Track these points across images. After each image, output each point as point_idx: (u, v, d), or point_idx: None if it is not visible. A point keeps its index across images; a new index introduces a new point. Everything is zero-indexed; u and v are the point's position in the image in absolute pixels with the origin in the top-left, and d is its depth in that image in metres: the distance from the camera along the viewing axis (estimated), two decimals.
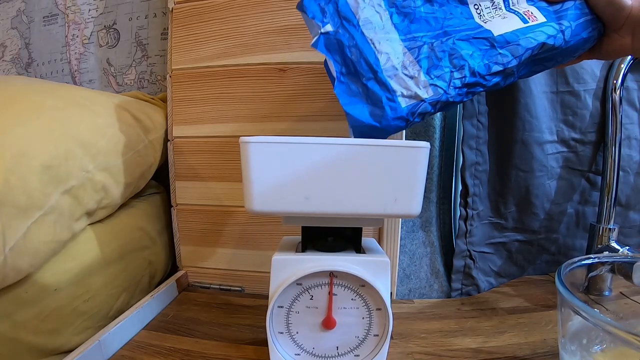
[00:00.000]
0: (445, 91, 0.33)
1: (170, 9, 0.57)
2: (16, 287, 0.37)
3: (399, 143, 0.32)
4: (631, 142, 0.58)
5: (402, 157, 0.31)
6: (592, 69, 0.56)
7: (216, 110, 0.56)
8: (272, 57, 0.54)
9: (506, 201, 0.57)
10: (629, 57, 0.54)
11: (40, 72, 0.79)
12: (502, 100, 0.54)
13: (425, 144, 0.31)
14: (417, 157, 0.31)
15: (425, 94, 0.33)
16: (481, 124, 0.54)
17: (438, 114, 0.55)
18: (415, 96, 0.33)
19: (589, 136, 0.57)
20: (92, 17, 0.74)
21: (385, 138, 0.36)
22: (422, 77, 0.33)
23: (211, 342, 0.43)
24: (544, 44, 0.33)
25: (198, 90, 0.57)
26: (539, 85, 0.55)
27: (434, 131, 0.55)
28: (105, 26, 0.74)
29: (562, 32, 0.34)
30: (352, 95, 0.34)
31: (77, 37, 0.75)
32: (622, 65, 0.54)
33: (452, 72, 0.33)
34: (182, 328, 0.45)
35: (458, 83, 0.33)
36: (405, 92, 0.33)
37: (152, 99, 0.63)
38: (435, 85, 0.33)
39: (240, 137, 0.31)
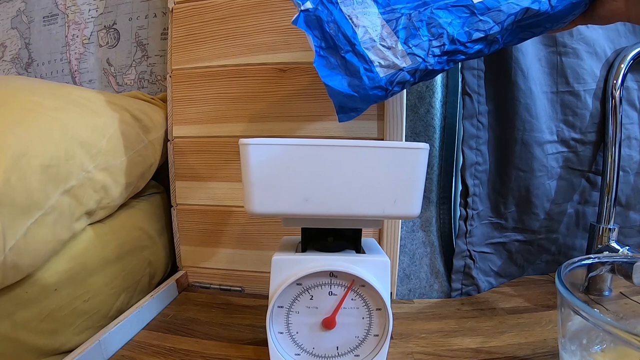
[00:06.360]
0: (423, 59, 0.33)
1: (170, 9, 0.57)
2: (16, 287, 0.37)
3: (398, 144, 0.32)
4: (631, 142, 0.58)
5: (401, 158, 0.31)
6: (592, 69, 0.56)
7: (216, 110, 0.56)
8: (272, 57, 0.54)
9: (506, 201, 0.57)
10: (629, 56, 0.54)
11: (40, 72, 0.79)
12: (502, 100, 0.54)
13: (425, 145, 0.31)
14: (417, 158, 0.31)
15: (403, 63, 0.33)
16: (481, 124, 0.54)
17: (438, 114, 0.55)
18: (393, 65, 0.33)
19: (589, 136, 0.57)
20: (92, 17, 0.74)
21: (365, 108, 0.36)
22: (400, 47, 0.34)
23: (211, 342, 0.43)
24: (527, 9, 0.33)
25: (198, 90, 0.57)
26: (539, 85, 0.55)
27: (434, 131, 0.55)
28: (105, 26, 0.74)
29: None
30: (331, 68, 0.34)
31: (77, 37, 0.75)
32: (622, 65, 0.54)
33: (430, 40, 0.33)
34: (182, 328, 0.46)
35: (437, 51, 0.33)
36: (383, 62, 0.34)
37: (152, 99, 0.63)
38: (414, 54, 0.33)
39: (240, 139, 0.31)
